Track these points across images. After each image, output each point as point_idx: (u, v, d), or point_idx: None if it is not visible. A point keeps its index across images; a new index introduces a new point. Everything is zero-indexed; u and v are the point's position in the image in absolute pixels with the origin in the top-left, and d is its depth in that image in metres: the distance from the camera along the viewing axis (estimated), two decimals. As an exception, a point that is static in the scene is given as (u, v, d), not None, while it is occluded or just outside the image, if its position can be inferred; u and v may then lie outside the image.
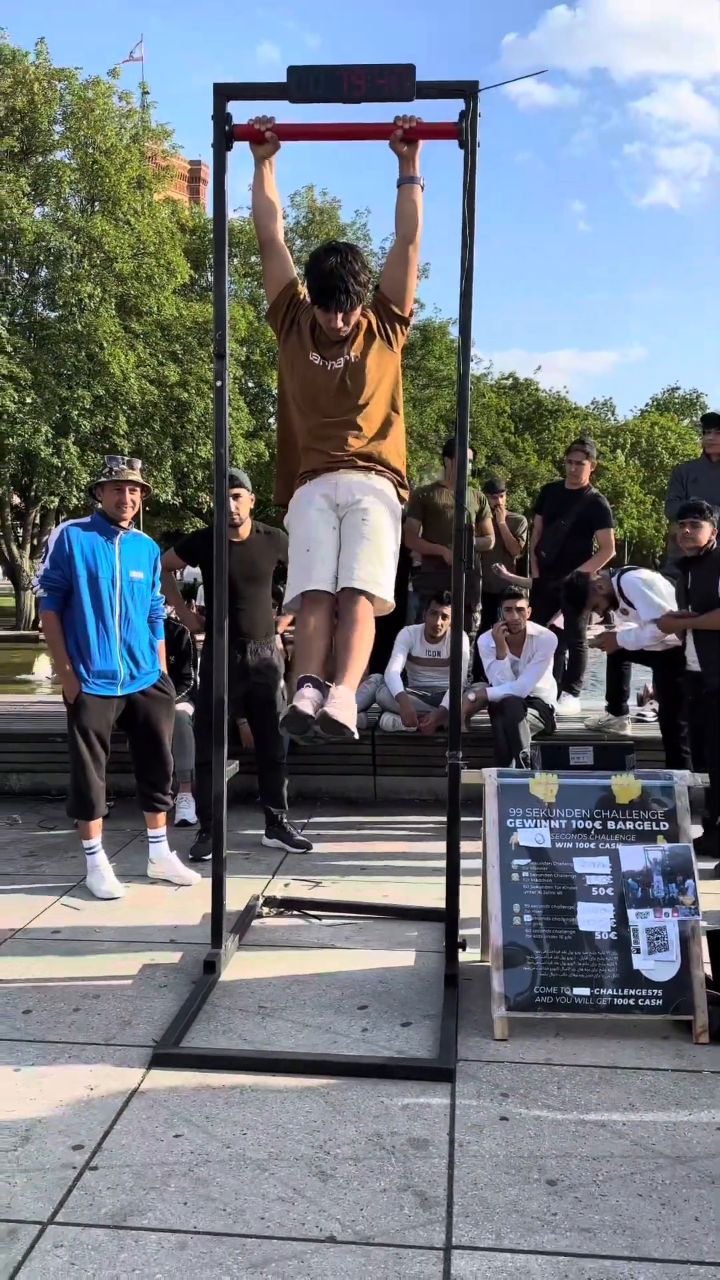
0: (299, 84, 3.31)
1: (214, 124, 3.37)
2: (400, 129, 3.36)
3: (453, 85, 3.32)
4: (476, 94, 3.30)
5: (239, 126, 3.41)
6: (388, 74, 3.28)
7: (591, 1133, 2.66)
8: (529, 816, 3.40)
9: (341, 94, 3.30)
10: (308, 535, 3.41)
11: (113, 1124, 2.68)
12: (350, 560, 3.37)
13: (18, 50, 24.24)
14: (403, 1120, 2.71)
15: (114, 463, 4.45)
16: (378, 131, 3.41)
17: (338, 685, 3.22)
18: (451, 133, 3.36)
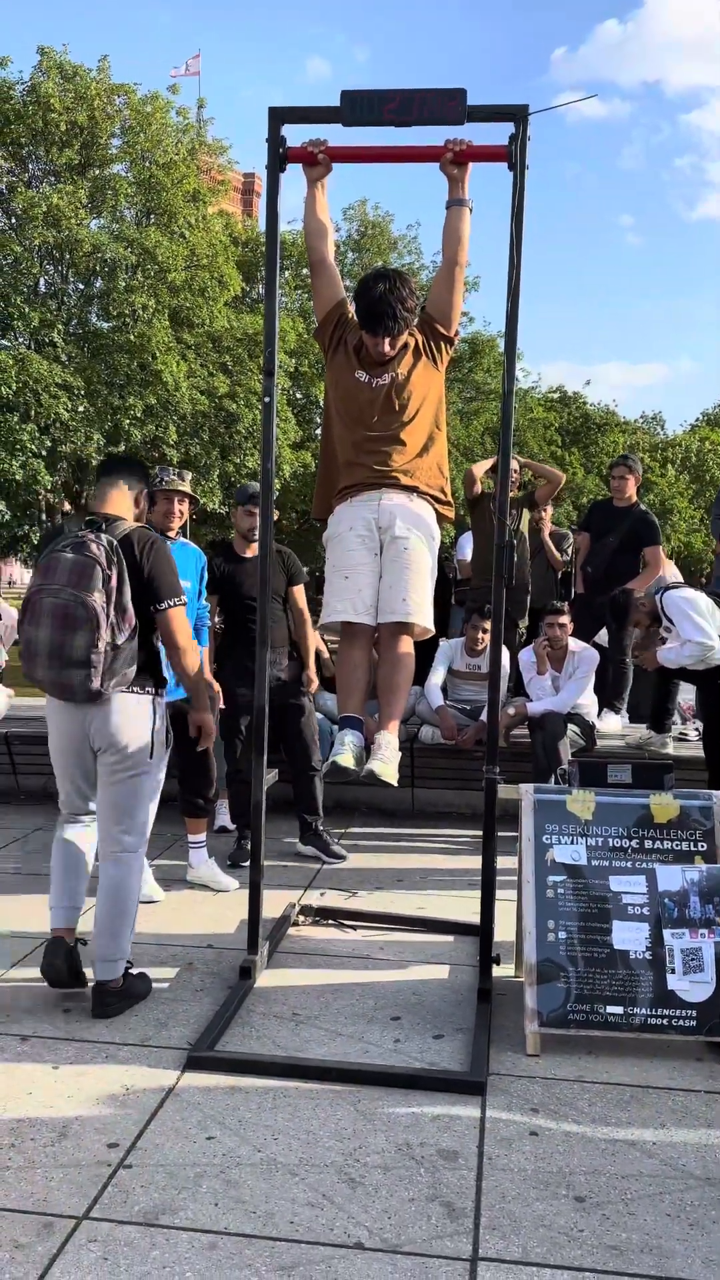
0: (352, 107, 3.38)
1: (268, 146, 3.45)
2: (451, 152, 3.42)
3: (503, 109, 3.36)
4: (527, 118, 3.34)
5: (292, 149, 3.48)
6: (438, 98, 3.34)
7: (621, 1151, 2.67)
8: (565, 833, 3.41)
9: (393, 118, 3.35)
10: (347, 561, 3.49)
11: (147, 1124, 2.74)
12: (394, 591, 3.44)
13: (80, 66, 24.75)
14: (432, 1131, 2.74)
15: (164, 473, 4.56)
16: (428, 154, 3.47)
17: (382, 732, 3.30)
18: (501, 155, 3.40)
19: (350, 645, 3.49)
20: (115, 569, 3.24)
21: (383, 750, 3.26)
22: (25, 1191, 2.44)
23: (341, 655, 3.54)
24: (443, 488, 3.66)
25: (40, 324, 23.54)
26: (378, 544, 3.51)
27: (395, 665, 3.42)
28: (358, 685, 3.43)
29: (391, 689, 3.39)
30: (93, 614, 3.17)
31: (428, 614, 3.51)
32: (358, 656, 3.47)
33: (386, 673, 3.42)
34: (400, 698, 3.39)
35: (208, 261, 25.63)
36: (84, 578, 3.18)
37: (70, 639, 3.17)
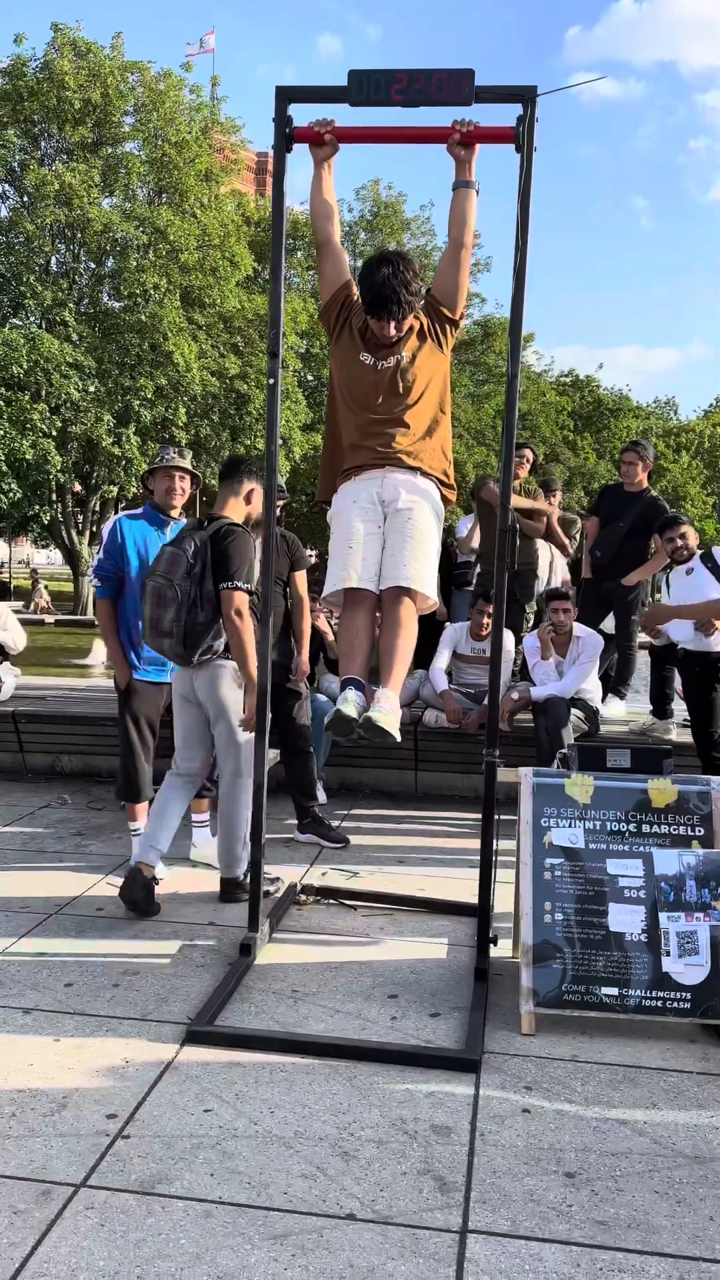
0: (359, 87, 3.37)
1: (275, 126, 3.45)
2: (458, 133, 3.40)
3: (511, 90, 3.35)
4: (535, 99, 3.33)
5: (299, 129, 3.48)
6: (446, 78, 3.32)
7: (612, 1129, 2.70)
8: (564, 816, 3.44)
9: (401, 99, 3.34)
10: (351, 531, 3.48)
11: (146, 1096, 2.78)
12: (396, 559, 3.43)
13: (93, 44, 24.61)
14: (426, 1107, 2.77)
15: (165, 451, 4.59)
16: (436, 135, 3.45)
17: (382, 689, 3.30)
18: (509, 137, 3.39)
19: (353, 611, 3.49)
20: (200, 559, 3.99)
21: (381, 703, 3.26)
22: (25, 1159, 2.48)
23: (343, 621, 3.54)
24: (446, 470, 3.66)
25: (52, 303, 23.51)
26: (381, 516, 3.52)
27: (396, 629, 3.41)
28: (360, 649, 3.44)
29: (392, 650, 3.39)
30: (176, 594, 3.93)
31: (430, 584, 3.50)
32: (359, 622, 3.47)
33: (387, 636, 3.42)
34: (400, 660, 3.39)
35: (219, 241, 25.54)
36: (174, 566, 3.96)
37: (162, 614, 3.95)
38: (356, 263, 34.26)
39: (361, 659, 3.43)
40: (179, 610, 3.93)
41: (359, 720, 3.23)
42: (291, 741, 5.17)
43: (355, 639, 3.44)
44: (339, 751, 6.10)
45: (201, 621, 3.97)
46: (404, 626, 3.40)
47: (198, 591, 3.96)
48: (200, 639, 3.98)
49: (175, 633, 3.94)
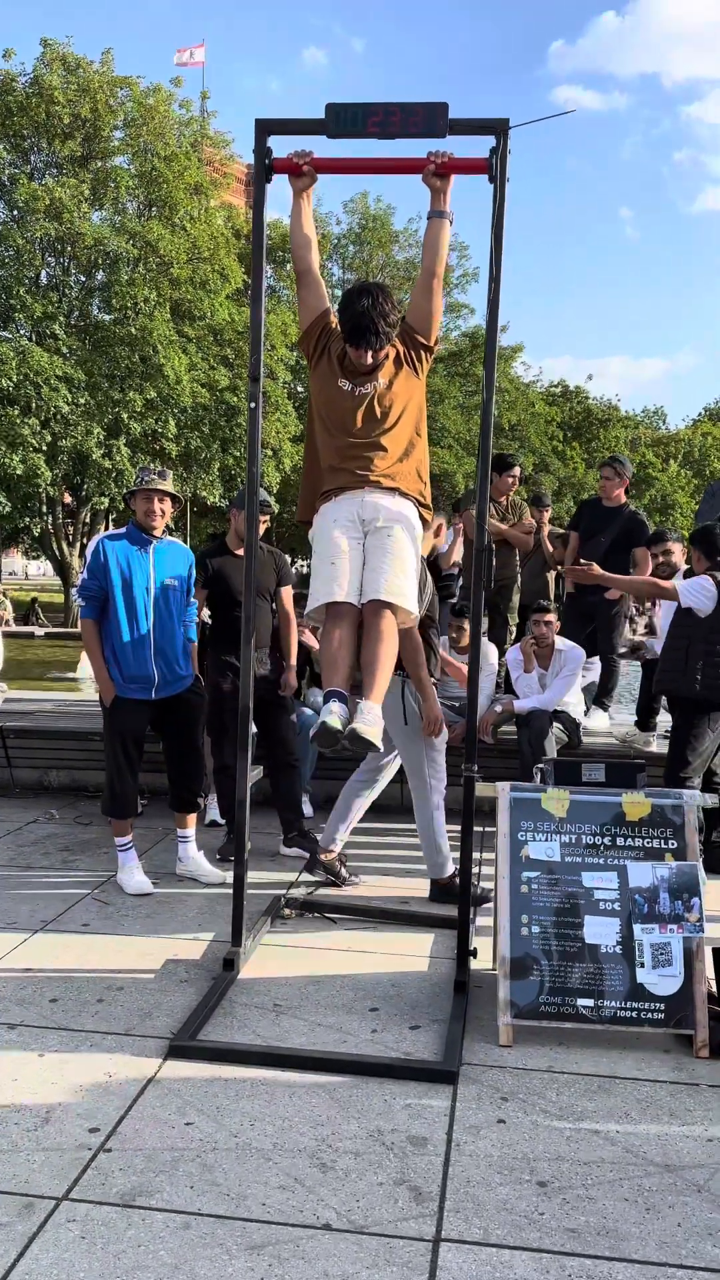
0: (336, 120, 3.45)
1: (255, 157, 3.53)
2: (433, 164, 3.49)
3: (484, 123, 3.43)
4: (507, 131, 3.41)
5: (278, 160, 3.56)
6: (421, 112, 3.41)
7: (585, 1138, 2.76)
8: (540, 830, 3.50)
9: (377, 131, 3.43)
10: (332, 549, 3.56)
11: (128, 1110, 2.83)
12: (376, 574, 3.51)
13: (83, 59, 24.75)
14: (404, 1118, 2.83)
15: (145, 473, 4.63)
16: (411, 166, 3.54)
17: (365, 700, 3.36)
18: (482, 168, 3.47)
19: (334, 624, 3.55)
20: None
21: (365, 714, 3.33)
22: (7, 1173, 2.53)
23: (325, 634, 3.60)
24: (422, 491, 3.74)
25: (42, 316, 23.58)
26: (362, 534, 3.60)
27: (377, 641, 3.48)
28: (342, 662, 3.51)
29: (373, 661, 3.46)
30: None
31: (409, 599, 3.58)
32: (341, 635, 3.54)
33: (369, 648, 3.49)
34: (382, 672, 3.46)
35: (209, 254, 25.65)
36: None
37: None
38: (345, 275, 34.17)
39: (344, 671, 3.49)
40: None
41: (344, 732, 3.29)
42: (278, 756, 5.22)
43: (337, 652, 3.51)
44: (325, 765, 6.16)
45: None
46: (385, 639, 3.47)
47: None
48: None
49: None
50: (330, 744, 3.32)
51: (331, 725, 3.30)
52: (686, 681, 4.81)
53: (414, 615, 3.63)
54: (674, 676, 4.87)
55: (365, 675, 3.51)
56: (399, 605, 3.53)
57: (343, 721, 3.33)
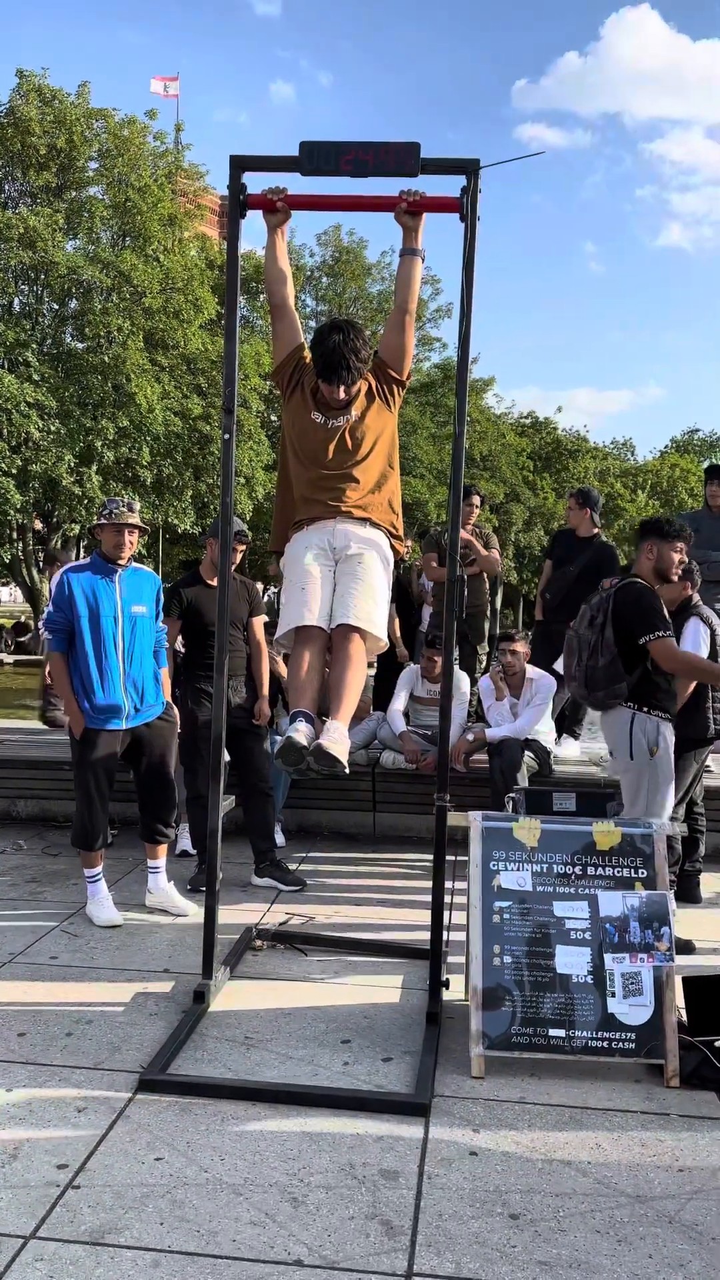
0: (310, 158, 3.51)
1: (229, 193, 3.58)
2: (405, 202, 3.56)
3: (455, 162, 3.51)
4: (478, 171, 3.49)
5: (253, 196, 3.61)
6: (394, 151, 3.47)
7: (557, 1170, 2.76)
8: (512, 860, 3.52)
9: (350, 169, 3.49)
10: (303, 574, 3.59)
11: (97, 1145, 2.80)
12: (346, 599, 3.54)
13: (59, 90, 24.93)
14: (375, 1151, 2.81)
15: (113, 505, 4.62)
16: (384, 204, 3.60)
17: (331, 720, 3.37)
18: (454, 207, 3.54)
19: (302, 647, 3.57)
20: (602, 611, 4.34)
21: (331, 732, 3.34)
22: (-26, 1212, 2.49)
23: (293, 656, 3.62)
24: (394, 523, 3.77)
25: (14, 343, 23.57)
26: (333, 562, 3.64)
27: (345, 664, 3.51)
28: (309, 685, 3.52)
29: (340, 684, 3.48)
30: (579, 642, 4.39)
31: (379, 625, 3.61)
32: (309, 658, 3.55)
33: (336, 670, 3.52)
34: (349, 695, 3.48)
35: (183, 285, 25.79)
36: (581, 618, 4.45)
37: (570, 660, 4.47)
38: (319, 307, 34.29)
39: (311, 694, 3.51)
40: (580, 656, 4.33)
41: (309, 748, 3.30)
42: (251, 784, 5.22)
43: (305, 674, 3.52)
44: (297, 794, 6.15)
45: (601, 666, 4.24)
46: (353, 662, 3.49)
47: (598, 639, 4.24)
48: (600, 682, 4.25)
49: (579, 677, 4.36)
50: (294, 761, 3.32)
51: (296, 741, 3.31)
52: (700, 723, 4.85)
53: (383, 642, 3.66)
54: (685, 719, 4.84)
55: (332, 697, 3.53)
56: (368, 631, 3.55)
57: (308, 738, 3.34)
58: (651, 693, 4.21)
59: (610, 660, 4.21)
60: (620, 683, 4.21)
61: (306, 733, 3.33)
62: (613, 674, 4.22)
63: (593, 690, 4.32)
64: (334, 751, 3.27)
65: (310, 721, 3.39)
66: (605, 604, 4.29)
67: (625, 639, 4.18)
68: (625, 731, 4.24)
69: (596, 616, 4.31)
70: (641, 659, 4.18)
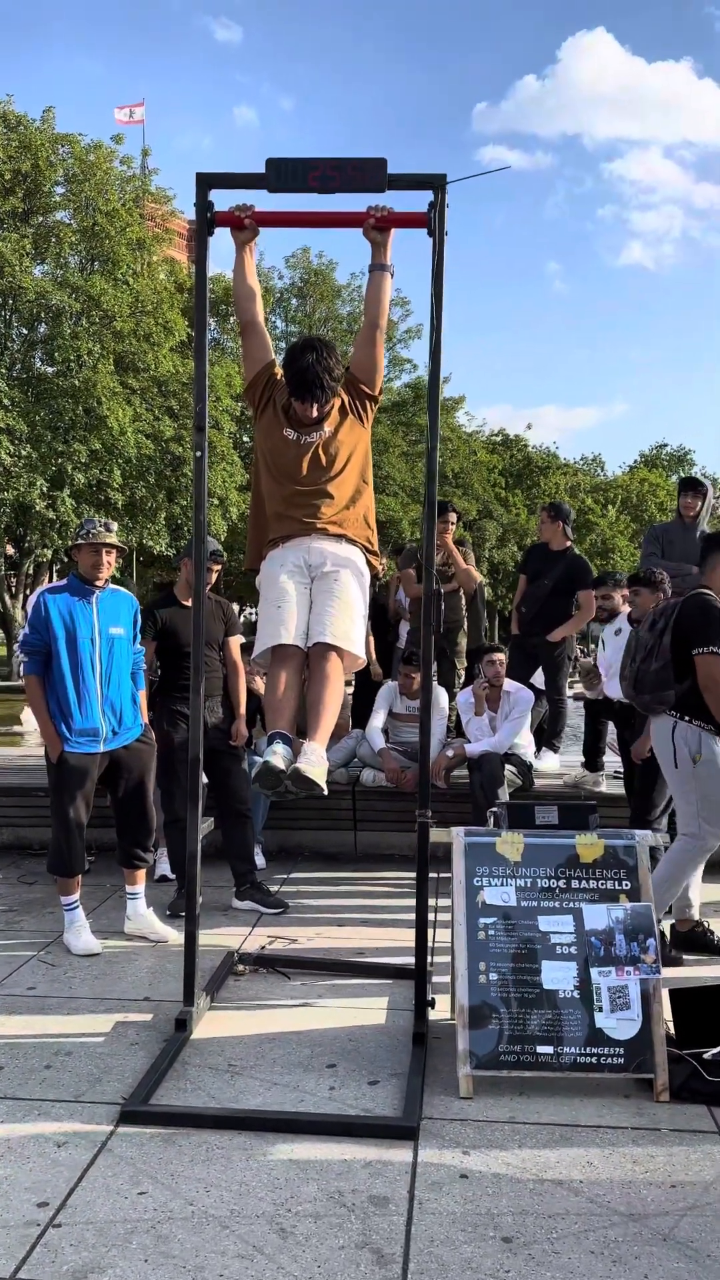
0: (277, 174, 3.50)
1: (196, 211, 3.56)
2: (373, 218, 3.55)
3: (422, 178, 3.51)
4: (445, 186, 3.49)
5: (220, 214, 3.59)
6: (360, 167, 3.47)
7: (549, 1190, 2.71)
8: (495, 875, 3.48)
9: (317, 185, 3.48)
10: (279, 593, 3.55)
11: (79, 1181, 2.72)
12: (322, 617, 3.51)
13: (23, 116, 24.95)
14: (364, 1178, 2.76)
15: (90, 525, 4.57)
16: (352, 220, 3.60)
17: (309, 742, 3.33)
18: (421, 222, 3.54)
19: (279, 667, 3.52)
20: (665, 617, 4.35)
21: (309, 755, 3.29)
22: (-49, 1255, 2.41)
23: (270, 676, 3.57)
24: (369, 538, 3.75)
25: (-19, 369, 23.48)
26: (308, 580, 3.61)
27: (323, 683, 3.46)
28: (287, 704, 3.48)
29: (318, 704, 3.44)
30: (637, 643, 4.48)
31: (356, 643, 3.58)
32: (286, 677, 3.51)
33: (314, 690, 3.48)
34: (327, 714, 3.43)
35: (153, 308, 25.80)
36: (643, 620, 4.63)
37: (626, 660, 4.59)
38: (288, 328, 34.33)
39: (289, 714, 3.46)
40: (635, 657, 4.34)
41: (286, 772, 3.25)
42: (229, 806, 5.15)
43: (282, 695, 3.48)
44: (277, 814, 6.09)
45: (653, 670, 4.23)
46: (330, 681, 3.46)
47: (656, 643, 4.23)
48: (648, 685, 4.25)
49: (630, 677, 4.37)
50: (272, 784, 3.28)
51: (274, 765, 3.26)
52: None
53: (361, 660, 3.63)
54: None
55: (310, 717, 3.49)
56: (345, 649, 3.52)
57: (286, 761, 3.29)
58: (698, 703, 4.14)
59: (662, 666, 4.20)
60: (668, 689, 4.19)
61: (284, 756, 3.29)
62: (662, 680, 4.20)
63: (640, 693, 4.33)
64: (312, 775, 3.23)
65: (288, 743, 3.35)
66: (671, 610, 4.29)
67: (681, 647, 4.16)
68: (667, 739, 4.23)
69: (658, 621, 4.30)
70: (693, 669, 4.14)
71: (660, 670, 4.25)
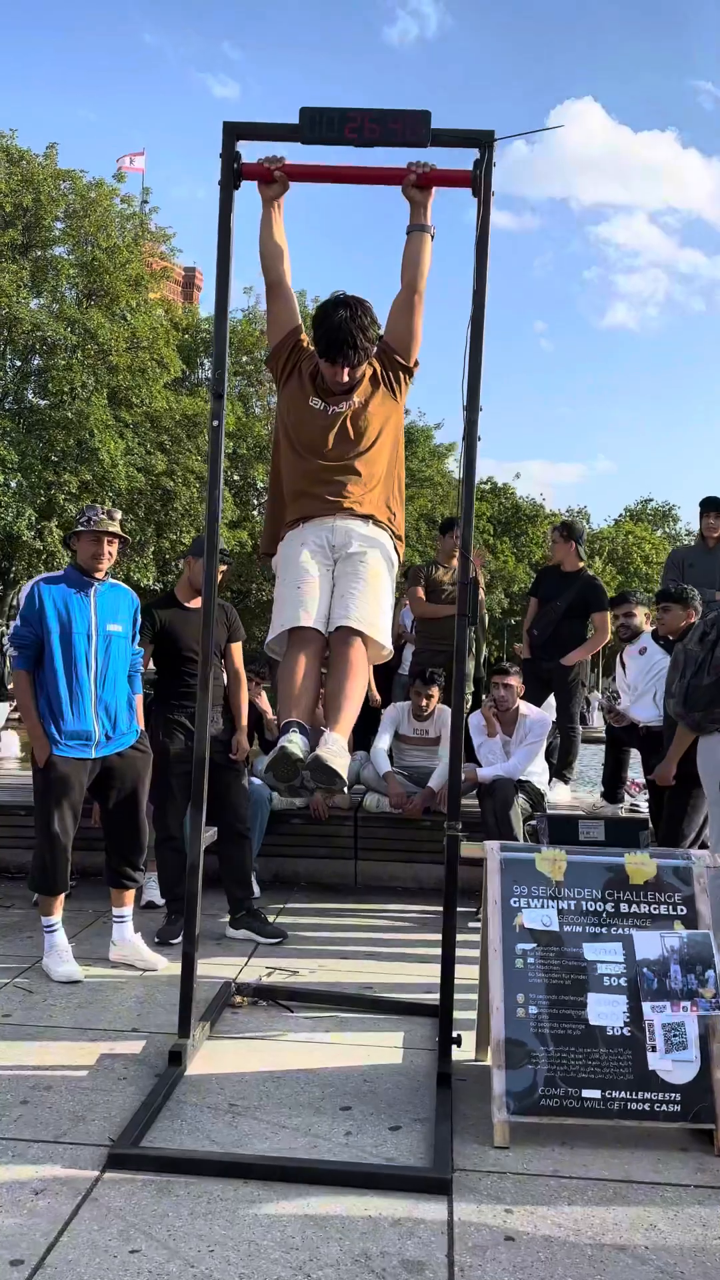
0: (312, 125, 3.24)
1: (222, 161, 3.29)
2: (414, 174, 3.29)
3: (469, 133, 3.26)
4: (493, 143, 3.25)
5: (248, 165, 3.33)
6: (402, 119, 3.22)
7: (610, 1258, 2.32)
8: (535, 895, 3.12)
9: (354, 137, 3.22)
10: (299, 573, 3.22)
11: (59, 1235, 2.31)
12: (346, 600, 3.18)
13: (26, 151, 25.06)
14: (394, 1238, 2.36)
15: (92, 512, 4.23)
16: (390, 176, 3.35)
17: (330, 732, 2.98)
18: (465, 181, 3.29)
19: (297, 651, 3.17)
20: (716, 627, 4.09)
21: (330, 744, 2.93)
22: None
23: (285, 662, 3.21)
24: (397, 524, 3.44)
25: (-26, 398, 23.31)
26: (331, 561, 3.28)
27: (346, 671, 3.11)
28: (305, 693, 3.11)
29: (340, 693, 3.08)
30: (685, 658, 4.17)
31: (382, 631, 3.25)
32: (305, 663, 3.15)
33: (335, 678, 3.11)
34: (349, 704, 3.07)
35: (148, 344, 25.78)
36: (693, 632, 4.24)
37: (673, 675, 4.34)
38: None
39: (306, 703, 3.10)
40: (684, 672, 4.06)
41: (305, 760, 2.89)
42: (228, 824, 4.75)
43: (301, 681, 3.11)
44: (272, 840, 5.70)
45: (705, 685, 3.96)
46: (354, 669, 3.10)
47: (707, 657, 3.96)
48: (700, 701, 3.98)
49: (678, 694, 4.09)
50: (288, 775, 2.91)
51: (291, 751, 2.89)
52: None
53: (387, 650, 3.29)
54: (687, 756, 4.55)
55: (329, 706, 3.13)
56: (370, 636, 3.18)
57: (303, 750, 2.93)
58: None
59: (715, 681, 3.91)
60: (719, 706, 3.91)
61: (301, 744, 2.93)
62: (715, 695, 3.91)
63: (691, 709, 4.04)
64: (333, 765, 2.87)
65: (305, 733, 2.99)
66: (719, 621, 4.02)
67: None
68: (716, 759, 3.94)
69: (709, 633, 4.01)
70: None
71: (713, 685, 3.94)
